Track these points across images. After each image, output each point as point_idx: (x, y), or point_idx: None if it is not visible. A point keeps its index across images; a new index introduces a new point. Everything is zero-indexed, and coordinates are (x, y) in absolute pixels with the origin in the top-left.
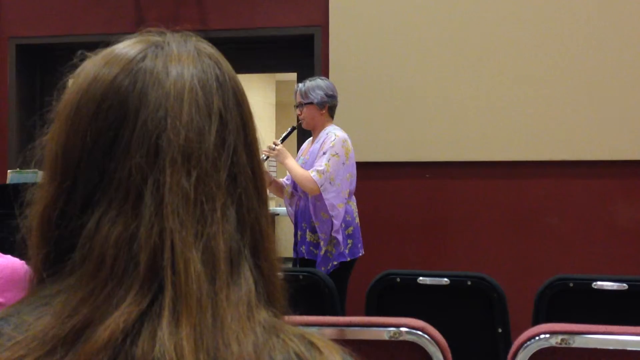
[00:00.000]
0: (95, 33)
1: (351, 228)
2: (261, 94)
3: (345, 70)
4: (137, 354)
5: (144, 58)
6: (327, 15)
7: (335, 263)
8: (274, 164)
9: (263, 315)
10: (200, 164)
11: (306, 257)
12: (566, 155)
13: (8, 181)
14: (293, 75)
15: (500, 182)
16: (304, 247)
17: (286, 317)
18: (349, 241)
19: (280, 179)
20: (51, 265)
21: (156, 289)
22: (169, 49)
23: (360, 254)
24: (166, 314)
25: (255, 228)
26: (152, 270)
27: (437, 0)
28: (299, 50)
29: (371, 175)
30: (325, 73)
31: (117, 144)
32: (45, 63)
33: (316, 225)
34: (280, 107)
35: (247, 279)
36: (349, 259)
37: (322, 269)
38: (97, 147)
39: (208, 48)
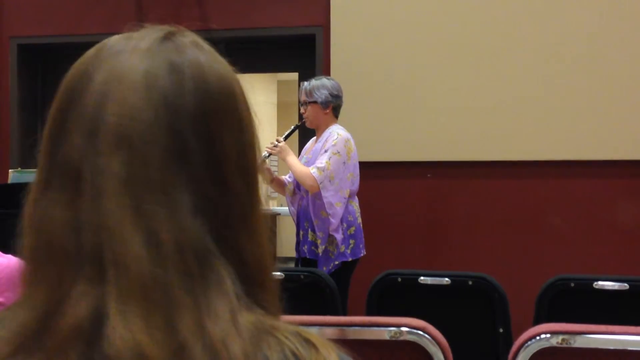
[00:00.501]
0: (96, 33)
1: (353, 228)
2: (262, 94)
3: (347, 70)
4: (102, 347)
5: (104, 47)
6: (329, 15)
7: (336, 263)
8: (275, 161)
9: (248, 317)
10: (137, 149)
11: (308, 257)
12: (568, 155)
13: (9, 181)
14: (294, 75)
15: (502, 181)
16: (305, 246)
17: (286, 317)
18: (351, 241)
19: (283, 177)
20: None
21: (100, 279)
22: (131, 39)
23: (362, 254)
24: (112, 302)
25: (229, 223)
26: (95, 257)
27: (438, 0)
28: (300, 50)
29: (372, 174)
30: (326, 73)
31: (63, 128)
32: (47, 63)
33: (315, 224)
34: (281, 106)
35: (219, 277)
36: (350, 259)
37: (324, 268)
38: (49, 133)
39: (184, 40)
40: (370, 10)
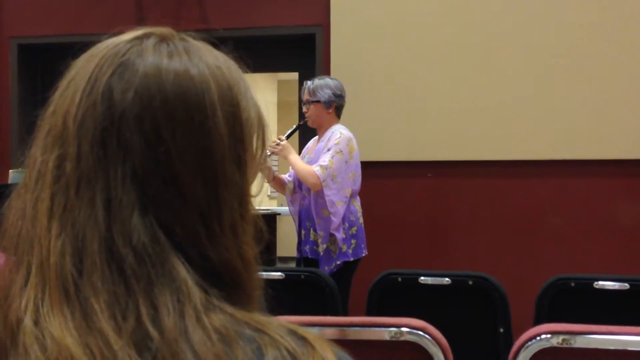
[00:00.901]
0: (96, 33)
1: (355, 228)
2: (263, 94)
3: (347, 69)
4: (25, 341)
5: (88, 51)
6: (329, 14)
7: (338, 263)
8: (275, 160)
9: (217, 318)
10: (68, 146)
11: (310, 257)
12: (568, 155)
13: (10, 181)
14: (295, 75)
15: (502, 181)
16: (307, 246)
17: (286, 317)
18: (353, 241)
19: (283, 175)
20: None
21: (27, 281)
22: (109, 40)
23: (364, 254)
24: (32, 299)
25: (186, 222)
26: (27, 260)
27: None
28: (300, 50)
29: (372, 174)
30: (326, 72)
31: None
32: (46, 63)
33: (316, 223)
34: (281, 106)
35: (172, 274)
36: (352, 259)
37: (325, 268)
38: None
39: (149, 43)
40: (370, 9)
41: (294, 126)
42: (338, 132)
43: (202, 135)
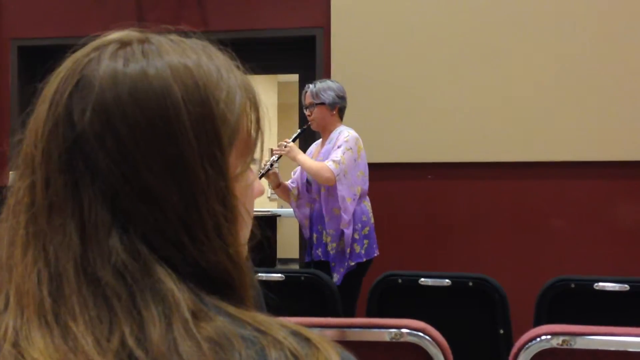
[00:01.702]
0: (96, 35)
1: (367, 228)
2: (263, 95)
3: (347, 71)
4: None
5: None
6: (329, 16)
7: (352, 264)
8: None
9: (208, 326)
10: (37, 170)
11: (322, 259)
12: (569, 156)
13: (10, 183)
14: (295, 77)
15: (502, 183)
16: (320, 249)
17: (287, 319)
18: (365, 241)
19: (286, 182)
20: None
21: (6, 307)
22: (74, 53)
23: (376, 255)
24: (10, 320)
25: (169, 233)
26: (8, 273)
27: (439, 1)
28: (300, 52)
29: (373, 176)
30: (327, 74)
31: None
32: (47, 64)
33: (327, 222)
34: (282, 108)
35: (165, 290)
36: (365, 260)
37: (340, 270)
38: None
39: (109, 49)
40: (371, 11)
41: (299, 130)
42: (346, 131)
43: (168, 142)
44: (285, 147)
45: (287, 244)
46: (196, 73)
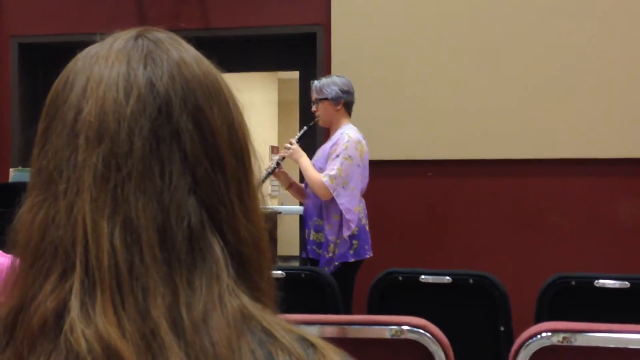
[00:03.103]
0: (97, 32)
1: (356, 229)
2: (263, 92)
3: (347, 68)
4: (70, 339)
5: (82, 56)
6: (330, 13)
7: (337, 264)
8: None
9: (236, 301)
10: (118, 141)
11: (310, 257)
12: (568, 153)
13: (10, 179)
14: (295, 74)
15: (503, 180)
16: (309, 246)
17: (287, 316)
18: (354, 242)
19: (300, 183)
20: None
21: (69, 275)
22: (105, 43)
23: (368, 256)
24: (76, 296)
25: (226, 200)
26: (68, 254)
27: None
28: (301, 49)
29: (373, 173)
30: (327, 71)
31: (48, 137)
32: (47, 62)
33: (327, 228)
34: (282, 105)
35: (212, 256)
36: (352, 260)
37: (325, 268)
38: (37, 142)
39: (157, 34)
40: (371, 8)
41: (305, 127)
42: (346, 136)
43: (229, 110)
44: (289, 148)
45: (288, 242)
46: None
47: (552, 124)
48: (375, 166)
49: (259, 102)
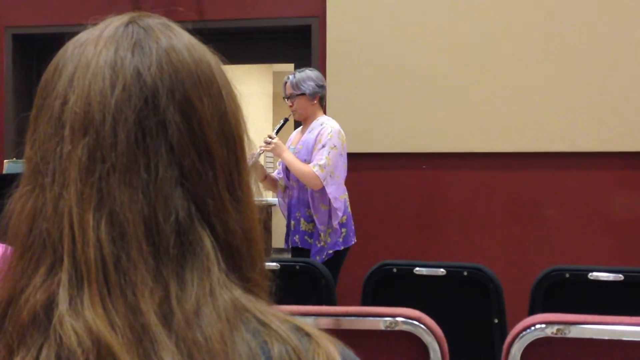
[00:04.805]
0: (92, 22)
1: (344, 217)
2: (258, 85)
3: (342, 60)
4: (60, 332)
5: (71, 42)
6: (324, 5)
7: (330, 252)
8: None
9: (228, 294)
10: (102, 132)
11: (300, 246)
12: (563, 147)
13: (4, 171)
14: (290, 66)
15: (497, 173)
16: (297, 236)
17: (281, 307)
18: (343, 230)
19: (273, 174)
20: None
21: (57, 268)
22: (96, 29)
23: (353, 242)
24: (65, 289)
25: (215, 192)
26: (55, 246)
27: None
28: (295, 41)
29: (368, 166)
30: (322, 64)
31: (37, 126)
32: (42, 53)
33: (315, 217)
34: (277, 97)
35: (201, 248)
36: (342, 248)
37: (317, 258)
38: (29, 132)
39: (149, 21)
40: (366, 0)
41: (282, 121)
42: (328, 126)
43: (221, 100)
44: (269, 143)
45: (282, 233)
46: (200, 48)
47: (547, 117)
48: (370, 159)
49: (253, 95)
